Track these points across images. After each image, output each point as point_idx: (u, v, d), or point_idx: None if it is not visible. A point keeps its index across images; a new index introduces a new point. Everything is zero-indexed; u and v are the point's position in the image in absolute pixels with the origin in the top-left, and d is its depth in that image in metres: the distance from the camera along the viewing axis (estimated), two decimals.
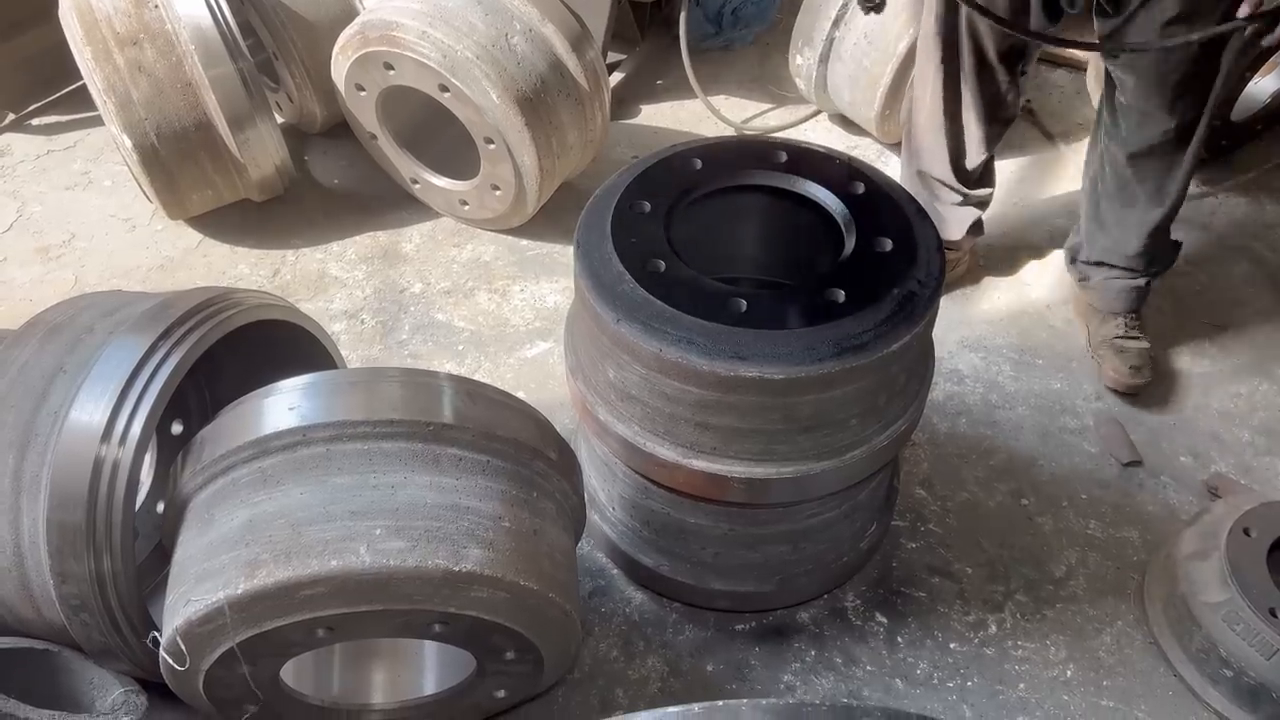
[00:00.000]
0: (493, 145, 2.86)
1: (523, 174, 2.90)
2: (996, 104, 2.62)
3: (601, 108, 3.09)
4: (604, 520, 2.23)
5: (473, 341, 2.85)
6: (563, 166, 3.06)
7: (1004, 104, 2.63)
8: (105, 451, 1.59)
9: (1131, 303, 2.76)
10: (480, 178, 3.01)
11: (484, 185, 3.02)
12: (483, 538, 1.54)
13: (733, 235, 2.06)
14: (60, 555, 1.60)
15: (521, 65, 2.81)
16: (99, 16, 2.79)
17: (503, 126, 2.79)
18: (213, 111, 2.85)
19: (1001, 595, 2.26)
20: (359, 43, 2.88)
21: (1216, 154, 3.41)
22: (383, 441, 1.58)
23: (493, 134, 2.82)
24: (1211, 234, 3.23)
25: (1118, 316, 2.75)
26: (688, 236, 1.83)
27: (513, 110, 2.76)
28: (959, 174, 2.77)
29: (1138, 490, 2.48)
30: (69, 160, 3.52)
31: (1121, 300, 2.75)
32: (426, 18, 2.76)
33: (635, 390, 1.79)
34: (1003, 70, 2.54)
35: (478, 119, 2.81)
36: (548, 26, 2.90)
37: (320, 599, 1.48)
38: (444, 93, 2.81)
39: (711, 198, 1.90)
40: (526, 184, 2.93)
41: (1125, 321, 2.74)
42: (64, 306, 1.90)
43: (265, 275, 3.06)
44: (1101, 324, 2.77)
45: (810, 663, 2.13)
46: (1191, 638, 2.07)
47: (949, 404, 2.67)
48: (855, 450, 1.84)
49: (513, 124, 2.78)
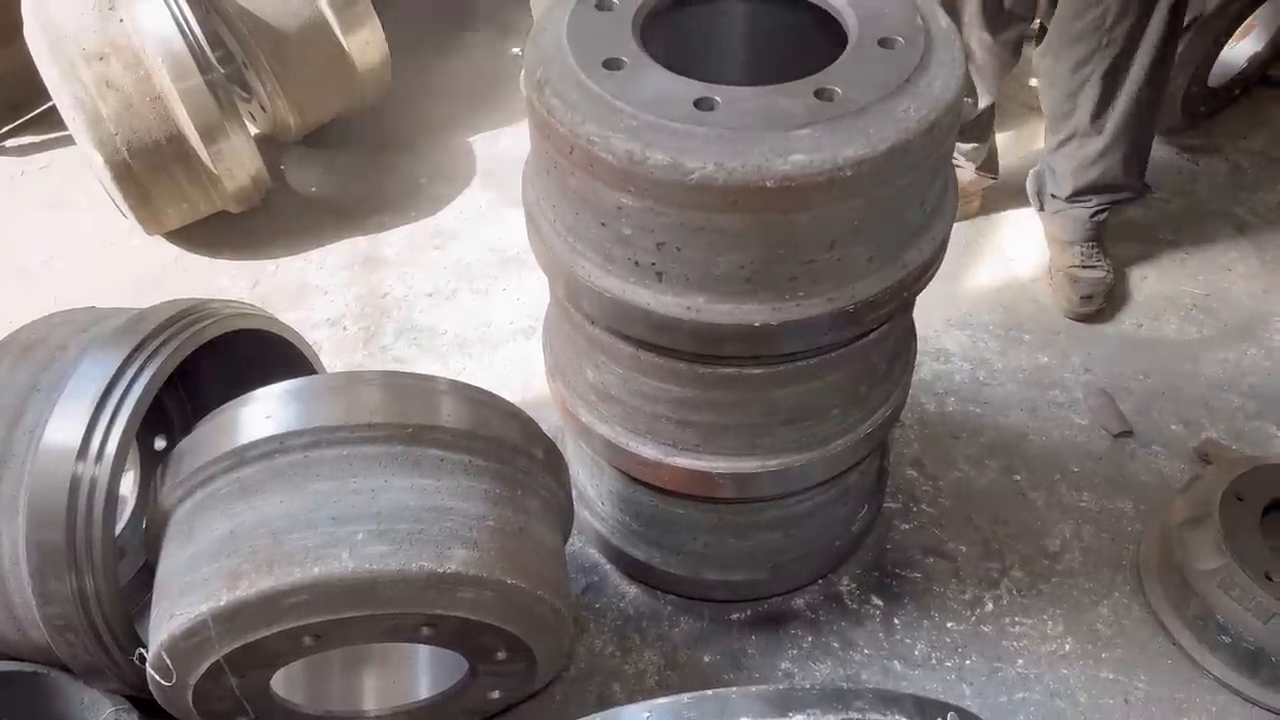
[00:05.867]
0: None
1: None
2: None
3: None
4: (594, 515, 2.21)
5: (456, 343, 2.83)
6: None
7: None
8: (82, 469, 1.58)
9: (1087, 232, 2.82)
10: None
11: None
12: (467, 538, 1.53)
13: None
14: (42, 576, 1.58)
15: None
16: (64, 33, 2.77)
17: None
18: (184, 124, 2.83)
19: (997, 572, 2.25)
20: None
21: (1195, 120, 3.40)
22: (362, 445, 1.57)
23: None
24: (1194, 200, 3.22)
25: (1075, 245, 2.83)
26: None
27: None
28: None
29: (1129, 460, 2.47)
30: (44, 180, 3.50)
31: (1079, 229, 2.82)
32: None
33: (615, 390, 1.78)
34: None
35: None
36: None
37: (304, 607, 1.47)
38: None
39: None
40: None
41: (1083, 250, 2.82)
42: (38, 325, 1.89)
43: (245, 286, 3.05)
44: (1061, 252, 2.85)
45: (807, 649, 2.12)
46: (1188, 605, 2.07)
47: (937, 383, 2.66)
48: (840, 439, 1.83)
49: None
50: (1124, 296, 2.89)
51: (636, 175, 1.37)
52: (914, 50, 1.47)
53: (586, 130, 1.39)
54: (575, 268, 1.57)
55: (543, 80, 1.47)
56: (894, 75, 1.43)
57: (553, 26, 1.55)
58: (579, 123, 1.40)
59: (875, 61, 1.47)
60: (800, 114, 1.38)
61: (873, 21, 1.53)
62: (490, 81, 3.86)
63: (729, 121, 1.37)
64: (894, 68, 1.45)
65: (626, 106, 1.39)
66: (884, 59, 1.47)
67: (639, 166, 1.36)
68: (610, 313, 1.59)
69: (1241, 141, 3.43)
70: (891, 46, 1.49)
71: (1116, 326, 2.81)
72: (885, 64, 1.46)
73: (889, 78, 1.43)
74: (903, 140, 1.37)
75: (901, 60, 1.46)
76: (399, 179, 3.44)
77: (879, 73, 1.44)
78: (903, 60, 1.46)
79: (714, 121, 1.37)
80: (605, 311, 1.60)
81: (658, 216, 1.41)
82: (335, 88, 3.36)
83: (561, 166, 1.48)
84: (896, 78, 1.43)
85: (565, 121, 1.41)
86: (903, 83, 1.42)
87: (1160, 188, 3.24)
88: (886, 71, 1.44)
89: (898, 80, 1.42)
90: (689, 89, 1.42)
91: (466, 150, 3.57)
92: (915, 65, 1.44)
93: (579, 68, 1.45)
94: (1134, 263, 2.99)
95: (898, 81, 1.42)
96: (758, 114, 1.38)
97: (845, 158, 1.34)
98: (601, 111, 1.40)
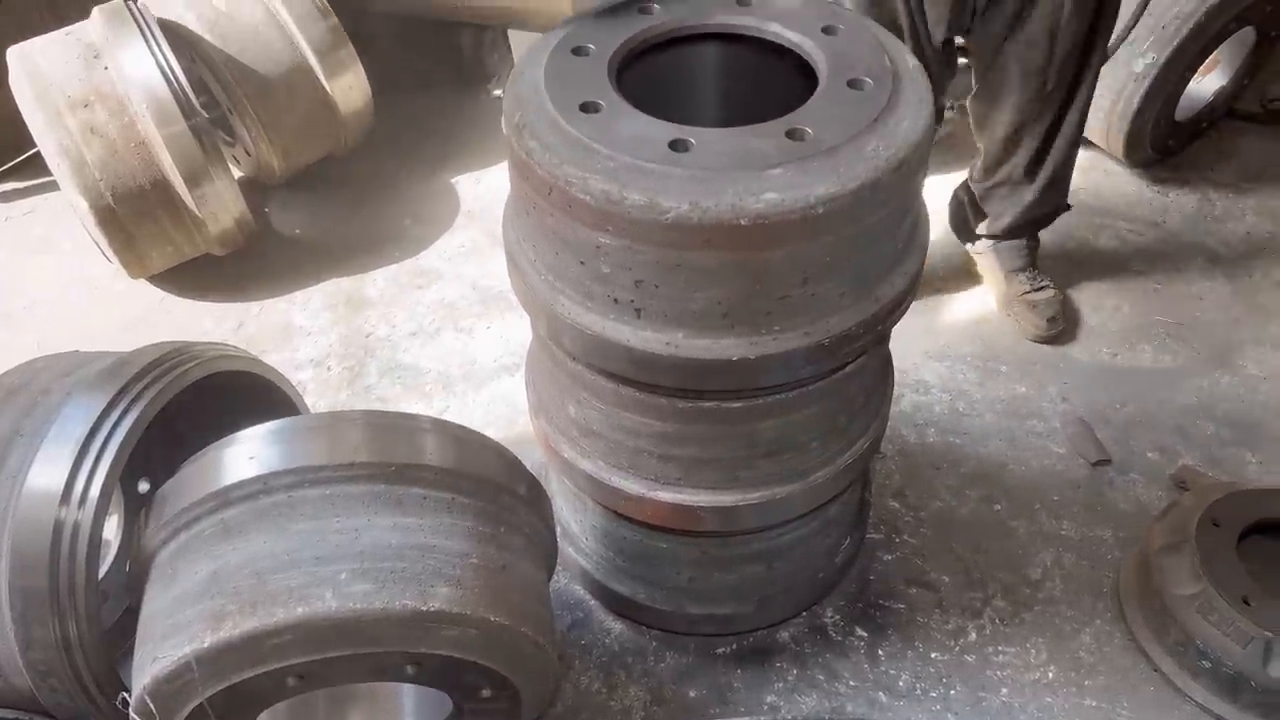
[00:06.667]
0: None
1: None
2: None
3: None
4: (578, 552, 2.22)
5: (440, 381, 2.85)
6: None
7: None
8: (65, 514, 1.58)
9: (1027, 258, 2.92)
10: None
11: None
12: (450, 575, 1.54)
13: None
14: (25, 621, 1.58)
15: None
16: (50, 81, 2.80)
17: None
18: (168, 169, 2.86)
19: (980, 602, 2.26)
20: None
21: (1165, 153, 3.47)
22: (345, 485, 1.58)
23: None
24: (1165, 231, 3.28)
25: (1019, 273, 2.91)
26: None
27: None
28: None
29: (1108, 488, 2.49)
30: (28, 226, 3.52)
31: (1018, 258, 2.92)
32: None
33: (597, 426, 1.80)
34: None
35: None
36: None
37: (288, 647, 1.47)
38: None
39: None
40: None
41: (1028, 275, 2.91)
42: (21, 370, 1.89)
43: (230, 328, 3.06)
44: (1008, 283, 2.92)
45: (793, 681, 2.12)
46: (1168, 631, 2.08)
47: (917, 414, 2.68)
48: (820, 471, 1.85)
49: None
50: (1076, 316, 2.98)
51: (614, 215, 1.40)
52: (882, 91, 1.51)
53: (564, 172, 1.42)
54: (556, 306, 1.59)
55: (521, 124, 1.51)
56: (863, 115, 1.47)
57: (531, 71, 1.59)
58: (557, 165, 1.43)
59: (845, 102, 1.51)
60: (772, 154, 1.41)
61: (842, 63, 1.57)
62: (472, 123, 3.91)
63: (703, 162, 1.41)
64: (863, 108, 1.49)
65: (603, 149, 1.43)
66: (853, 100, 1.51)
67: (616, 207, 1.39)
68: (591, 349, 1.61)
69: (1210, 174, 3.50)
70: (860, 88, 1.53)
71: (1092, 356, 2.85)
72: (854, 105, 1.50)
73: (858, 118, 1.47)
74: (872, 178, 1.41)
75: (870, 101, 1.50)
76: (382, 220, 3.47)
77: (848, 113, 1.48)
78: (871, 101, 1.50)
79: (689, 162, 1.41)
80: (586, 348, 1.62)
81: (635, 255, 1.44)
82: (319, 131, 3.40)
83: (541, 207, 1.51)
84: (865, 118, 1.47)
85: (544, 163, 1.45)
86: (871, 122, 1.46)
87: (1132, 220, 3.31)
88: (855, 112, 1.48)
89: (866, 120, 1.46)
90: (664, 131, 1.46)
91: (449, 191, 3.60)
92: (883, 105, 1.49)
93: (557, 111, 1.49)
94: (1108, 293, 3.04)
95: (866, 121, 1.46)
96: (731, 154, 1.42)
97: (817, 196, 1.37)
98: (579, 154, 1.43)
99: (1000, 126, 2.67)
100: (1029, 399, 2.73)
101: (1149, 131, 3.33)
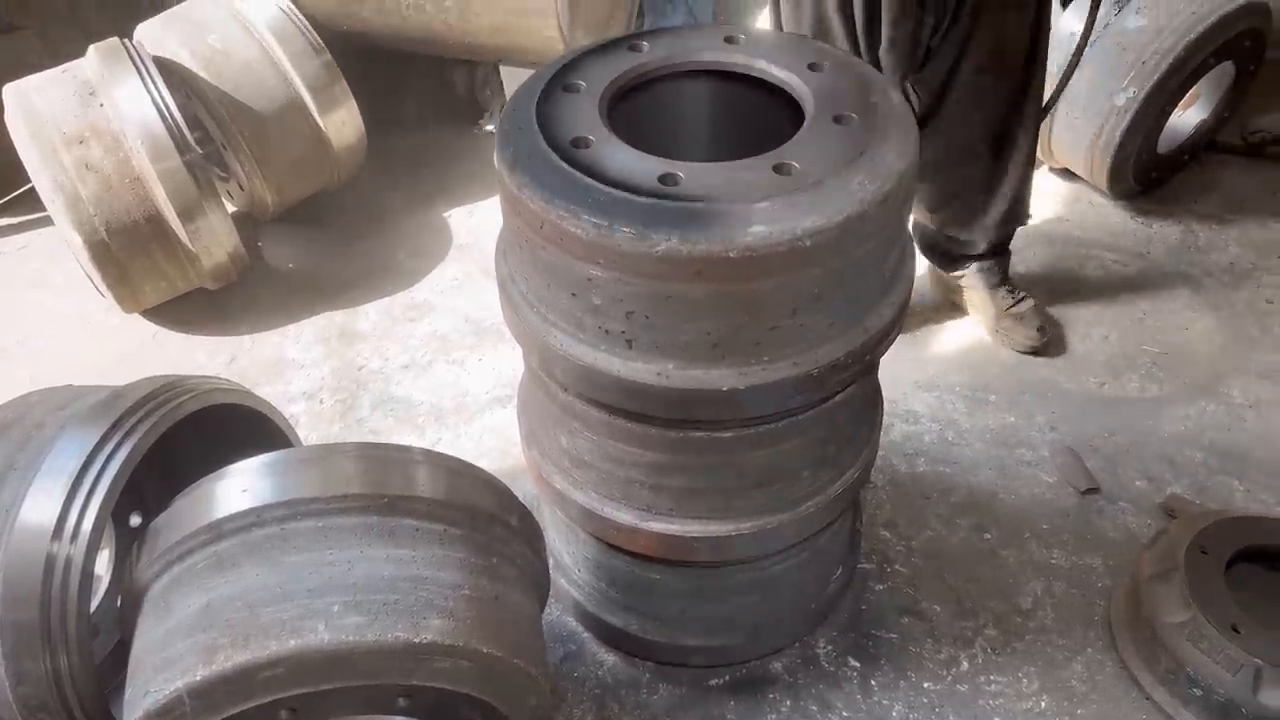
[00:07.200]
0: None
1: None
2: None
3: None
4: (571, 583, 2.22)
5: (433, 414, 2.86)
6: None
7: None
8: (57, 548, 1.58)
9: (1003, 273, 3.00)
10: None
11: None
12: (442, 607, 1.54)
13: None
14: (15, 656, 1.58)
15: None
16: (45, 118, 2.82)
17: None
18: (162, 204, 2.88)
19: (971, 631, 2.27)
20: None
21: (1148, 185, 3.52)
22: (338, 517, 1.58)
23: None
24: (1150, 262, 3.32)
25: (998, 289, 2.97)
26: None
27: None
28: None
29: (1097, 517, 2.51)
30: (22, 261, 3.53)
31: (995, 274, 2.99)
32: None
33: (588, 456, 1.81)
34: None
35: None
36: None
37: (281, 680, 1.47)
38: None
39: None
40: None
41: (1006, 289, 2.98)
42: (14, 404, 1.90)
43: (222, 362, 3.07)
44: (989, 301, 2.98)
45: (786, 713, 2.12)
46: (1159, 659, 2.09)
47: (907, 444, 2.70)
48: (811, 500, 1.86)
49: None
50: (1060, 334, 3.03)
51: (605, 248, 1.42)
52: (867, 126, 1.55)
53: (556, 206, 1.44)
54: (548, 337, 1.61)
55: (514, 158, 1.53)
56: (848, 150, 1.50)
57: (523, 107, 1.61)
58: (549, 199, 1.45)
59: (830, 137, 1.54)
60: (760, 188, 1.44)
61: (827, 99, 1.61)
62: (464, 158, 3.95)
63: (693, 195, 1.43)
64: (848, 143, 1.52)
65: (594, 183, 1.45)
66: (839, 134, 1.54)
67: (607, 240, 1.41)
68: (582, 380, 1.63)
69: (1193, 205, 3.55)
70: (846, 123, 1.56)
71: (1080, 385, 2.87)
72: (840, 139, 1.53)
73: (844, 152, 1.50)
74: (858, 211, 1.43)
75: (855, 135, 1.53)
76: (375, 254, 3.50)
77: (834, 147, 1.51)
78: (856, 135, 1.53)
79: (678, 196, 1.43)
80: (577, 379, 1.64)
81: (626, 287, 1.46)
82: (312, 166, 3.43)
83: (533, 241, 1.53)
84: (851, 152, 1.50)
85: (535, 198, 1.47)
86: (857, 157, 1.49)
87: (1117, 251, 3.35)
88: (841, 146, 1.51)
89: (852, 154, 1.49)
90: (654, 165, 1.49)
91: (441, 225, 3.63)
92: (868, 140, 1.52)
93: (548, 147, 1.52)
94: (1094, 323, 3.07)
95: (852, 155, 1.49)
96: (720, 188, 1.44)
97: (804, 229, 1.40)
98: (570, 188, 1.46)
99: (946, 167, 2.76)
100: (1018, 428, 2.75)
101: (1132, 164, 3.38)
